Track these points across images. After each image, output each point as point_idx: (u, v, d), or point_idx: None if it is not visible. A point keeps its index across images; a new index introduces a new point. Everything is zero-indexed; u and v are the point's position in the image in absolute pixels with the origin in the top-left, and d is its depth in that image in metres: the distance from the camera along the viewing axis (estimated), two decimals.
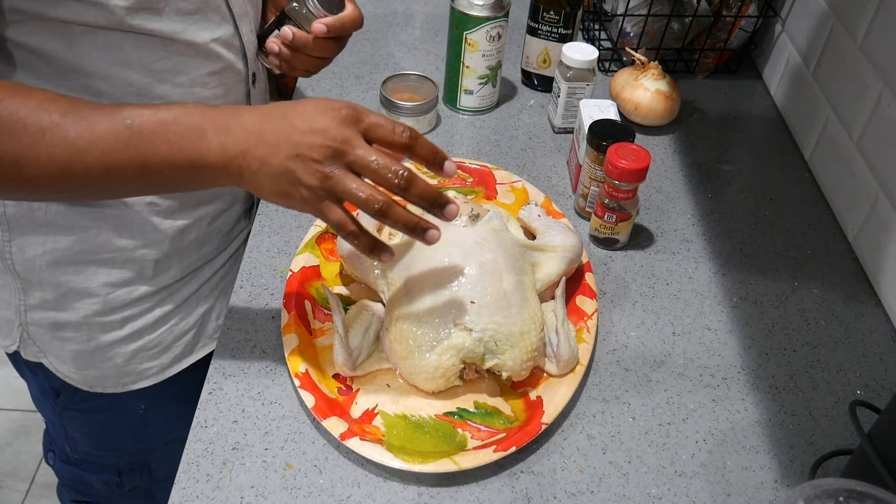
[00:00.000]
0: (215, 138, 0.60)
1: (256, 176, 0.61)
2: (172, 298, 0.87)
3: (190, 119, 0.61)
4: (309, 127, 0.60)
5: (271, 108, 0.63)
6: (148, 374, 0.89)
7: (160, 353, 0.89)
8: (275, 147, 0.60)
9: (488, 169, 0.97)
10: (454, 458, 0.67)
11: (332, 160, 0.60)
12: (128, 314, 0.84)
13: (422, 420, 0.72)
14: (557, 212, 0.91)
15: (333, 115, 0.61)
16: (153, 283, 0.84)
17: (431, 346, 0.71)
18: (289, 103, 0.63)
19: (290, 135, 0.60)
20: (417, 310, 0.72)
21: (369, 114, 0.63)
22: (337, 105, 0.62)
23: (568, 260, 0.81)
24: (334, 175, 0.60)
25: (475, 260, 0.74)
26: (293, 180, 0.60)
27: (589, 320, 0.80)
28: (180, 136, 0.60)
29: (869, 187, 0.91)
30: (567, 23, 1.08)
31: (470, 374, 0.73)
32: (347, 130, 0.61)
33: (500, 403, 0.74)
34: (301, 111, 0.62)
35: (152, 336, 0.87)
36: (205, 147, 0.60)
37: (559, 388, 0.74)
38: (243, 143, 0.61)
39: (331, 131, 0.60)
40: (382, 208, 0.61)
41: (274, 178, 0.61)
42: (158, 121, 0.60)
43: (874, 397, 0.78)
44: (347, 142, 0.60)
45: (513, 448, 0.68)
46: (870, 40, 0.93)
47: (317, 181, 0.60)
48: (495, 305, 0.72)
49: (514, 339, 0.71)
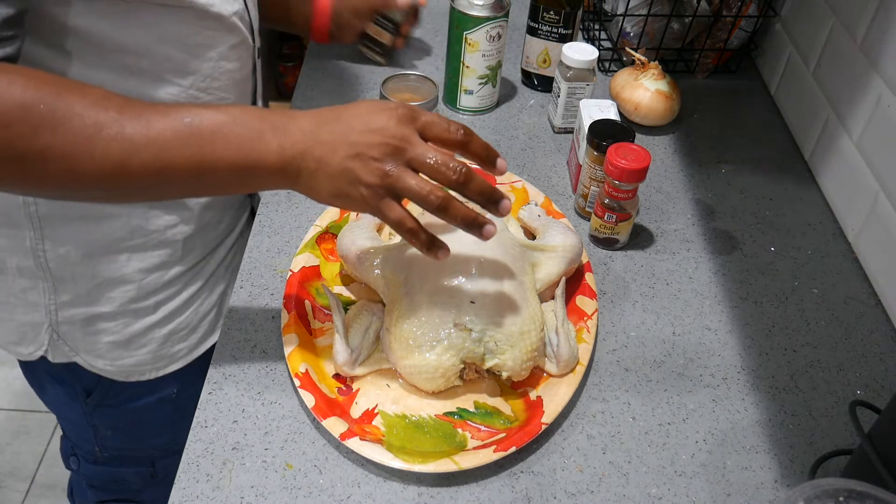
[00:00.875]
0: (273, 139, 0.61)
1: (315, 176, 0.62)
2: (197, 278, 0.89)
3: (248, 119, 0.61)
4: (366, 126, 0.61)
5: (324, 112, 0.64)
6: (179, 356, 0.91)
7: (189, 334, 0.91)
8: (333, 147, 0.61)
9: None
10: (454, 458, 0.67)
11: (391, 158, 0.61)
12: (161, 297, 0.86)
13: (422, 420, 0.72)
14: (557, 212, 0.91)
15: (390, 114, 0.62)
16: (183, 263, 0.86)
17: (431, 346, 0.71)
18: (340, 106, 0.64)
19: (348, 135, 0.61)
20: (417, 310, 0.72)
21: (424, 112, 0.64)
22: (392, 105, 0.63)
23: (568, 260, 0.81)
24: (394, 172, 0.61)
25: (475, 260, 0.74)
26: (352, 179, 0.61)
27: (589, 320, 0.80)
28: (240, 137, 0.60)
29: (869, 187, 0.91)
30: (567, 23, 1.08)
31: (470, 375, 0.73)
32: (405, 128, 0.62)
33: (500, 403, 0.74)
34: (355, 112, 0.63)
35: (182, 318, 0.89)
36: (264, 147, 0.61)
37: (559, 387, 0.74)
38: (301, 143, 0.61)
39: (389, 129, 0.61)
40: (442, 203, 0.61)
41: (333, 177, 0.61)
42: (218, 121, 0.60)
43: (874, 397, 0.78)
44: (406, 139, 0.61)
45: (513, 448, 0.68)
46: (870, 40, 0.93)
47: (377, 179, 0.61)
48: (495, 305, 0.72)
49: (513, 339, 0.71)
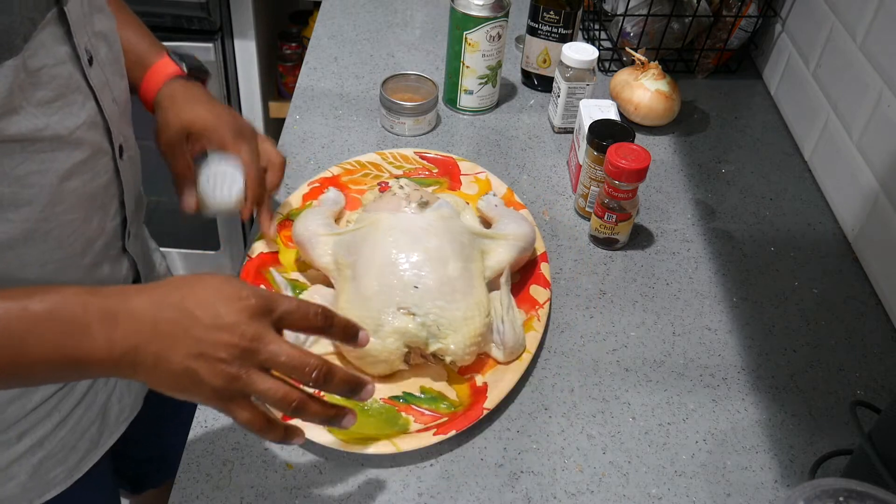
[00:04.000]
0: (100, 333, 0.53)
1: (154, 373, 0.54)
2: (69, 397, 0.76)
3: (68, 311, 0.53)
4: (214, 321, 0.53)
5: (166, 292, 0.55)
6: (57, 481, 0.78)
7: (67, 455, 0.78)
8: (173, 342, 0.53)
9: (453, 160, 0.98)
10: (394, 441, 0.69)
11: (241, 360, 0.54)
12: (24, 428, 0.73)
13: (366, 403, 0.72)
14: (518, 202, 0.92)
15: (241, 307, 0.54)
16: (45, 389, 0.73)
17: (375, 329, 0.71)
18: (186, 284, 0.56)
19: (191, 328, 0.53)
20: (363, 294, 0.73)
21: (280, 301, 0.57)
22: (244, 293, 0.55)
23: (519, 248, 0.81)
24: (243, 377, 0.54)
25: (421, 246, 0.75)
26: (196, 381, 0.54)
27: (540, 309, 0.81)
28: (59, 334, 0.52)
29: (869, 187, 0.91)
30: (567, 23, 1.08)
31: (415, 359, 0.74)
32: (258, 325, 0.54)
33: (446, 388, 0.75)
34: (202, 299, 0.54)
35: (55, 441, 0.76)
36: (89, 344, 0.53)
37: (505, 374, 0.75)
38: (134, 335, 0.53)
39: (239, 328, 0.54)
40: (298, 407, 0.56)
41: (175, 376, 0.54)
42: (29, 317, 0.52)
43: (874, 397, 0.78)
44: (258, 338, 0.54)
45: (452, 432, 0.70)
46: (870, 40, 0.93)
47: (224, 382, 0.54)
48: (438, 290, 0.73)
49: (457, 324, 0.72)
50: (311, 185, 0.92)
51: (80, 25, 0.64)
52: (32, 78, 0.58)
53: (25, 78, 0.58)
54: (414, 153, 0.98)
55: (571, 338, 0.82)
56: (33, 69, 0.58)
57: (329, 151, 1.03)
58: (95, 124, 0.68)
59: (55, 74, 0.61)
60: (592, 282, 0.88)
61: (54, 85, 0.61)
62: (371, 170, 0.96)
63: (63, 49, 0.62)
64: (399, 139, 1.06)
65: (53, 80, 0.61)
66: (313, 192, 0.92)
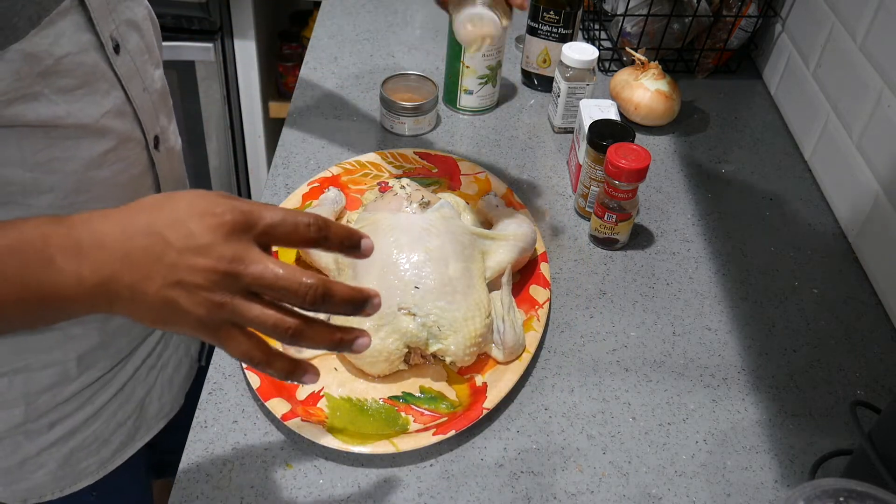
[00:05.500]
0: (67, 265, 0.47)
1: (133, 306, 0.49)
2: (105, 390, 0.76)
3: (28, 244, 0.48)
4: (186, 244, 0.47)
5: (134, 213, 0.49)
6: (88, 472, 0.78)
7: (100, 448, 0.78)
8: (147, 271, 0.47)
9: (453, 160, 0.98)
10: (393, 441, 0.69)
11: (222, 285, 0.47)
12: (55, 417, 0.73)
13: (366, 403, 0.73)
14: (518, 203, 0.92)
15: (216, 223, 0.47)
16: (79, 381, 0.73)
17: (375, 329, 0.71)
18: (156, 203, 0.50)
19: (164, 254, 0.47)
20: None
21: (262, 214, 0.49)
22: (219, 209, 0.48)
23: (519, 249, 0.81)
24: (228, 303, 0.48)
25: (422, 246, 0.75)
26: (177, 311, 0.48)
27: (540, 309, 0.81)
28: (20, 269, 0.47)
29: (869, 187, 0.91)
30: (567, 23, 1.08)
31: (415, 359, 0.75)
32: (237, 244, 0.48)
33: (446, 388, 0.75)
34: (173, 218, 0.48)
35: (88, 432, 0.76)
36: (54, 278, 0.47)
37: (505, 374, 0.75)
38: (105, 267, 0.48)
39: (216, 248, 0.47)
40: (296, 332, 0.49)
41: (154, 309, 0.49)
42: None
43: (874, 397, 0.78)
44: (239, 258, 0.47)
45: (452, 431, 0.69)
46: (870, 40, 0.93)
47: (207, 311, 0.48)
48: (439, 291, 0.73)
49: (457, 324, 0.72)
50: (311, 185, 0.92)
51: (104, 13, 0.63)
52: (55, 65, 0.58)
53: (51, 65, 0.57)
54: (414, 153, 0.98)
55: (571, 338, 0.82)
56: (57, 56, 0.58)
57: (329, 151, 1.03)
58: (123, 113, 0.66)
59: (79, 62, 0.61)
60: (592, 282, 0.88)
61: (78, 73, 0.61)
62: (371, 169, 0.96)
63: (86, 37, 0.61)
64: (399, 139, 1.06)
65: (77, 67, 0.60)
66: (313, 191, 0.92)
